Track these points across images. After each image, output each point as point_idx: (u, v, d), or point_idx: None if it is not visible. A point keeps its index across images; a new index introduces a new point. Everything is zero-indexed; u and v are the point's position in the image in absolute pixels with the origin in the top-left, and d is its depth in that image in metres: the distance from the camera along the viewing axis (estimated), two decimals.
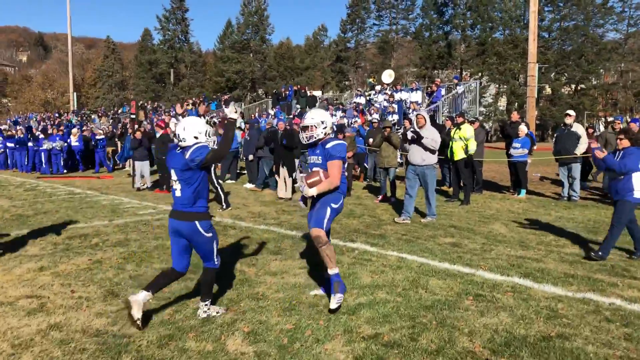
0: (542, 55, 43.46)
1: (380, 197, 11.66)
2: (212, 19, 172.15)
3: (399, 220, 9.03)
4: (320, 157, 4.91)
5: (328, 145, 4.85)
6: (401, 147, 12.04)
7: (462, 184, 11.63)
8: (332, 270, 4.80)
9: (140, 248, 7.18)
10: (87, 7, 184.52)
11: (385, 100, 21.12)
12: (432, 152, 9.06)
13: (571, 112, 11.84)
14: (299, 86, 27.79)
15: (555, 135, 13.84)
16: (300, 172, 4.18)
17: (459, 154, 11.26)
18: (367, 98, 21.37)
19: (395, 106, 19.48)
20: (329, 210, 4.83)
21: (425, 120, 9.10)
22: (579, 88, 49.54)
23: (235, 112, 4.61)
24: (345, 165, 5.19)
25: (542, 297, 5.12)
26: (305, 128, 4.94)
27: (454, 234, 8.10)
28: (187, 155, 4.34)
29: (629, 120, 51.80)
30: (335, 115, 19.38)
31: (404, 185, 10.11)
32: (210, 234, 4.51)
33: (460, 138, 11.28)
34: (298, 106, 25.06)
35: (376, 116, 16.37)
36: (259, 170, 13.83)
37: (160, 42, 60.07)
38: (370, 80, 26.53)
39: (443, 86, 21.23)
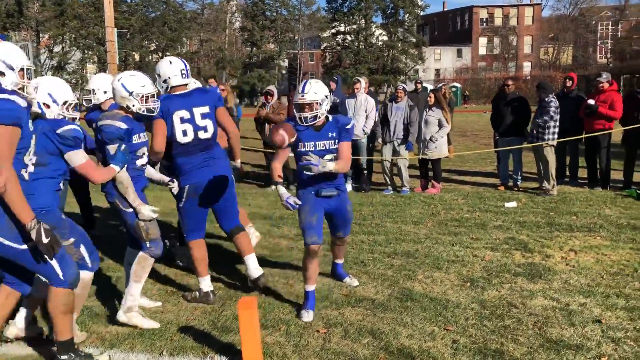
0: (126, 20, 42.45)
1: None
2: None
3: None
4: (333, 141, 3.91)
5: (346, 125, 3.92)
6: None
7: None
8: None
9: None
10: None
11: None
12: None
13: None
14: None
15: None
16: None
17: None
18: None
19: None
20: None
21: None
22: (166, 55, 50.84)
23: None
24: None
25: None
26: (305, 106, 3.85)
27: None
28: None
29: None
30: None
31: None
32: None
33: None
34: None
35: None
36: None
37: None
38: None
39: None
